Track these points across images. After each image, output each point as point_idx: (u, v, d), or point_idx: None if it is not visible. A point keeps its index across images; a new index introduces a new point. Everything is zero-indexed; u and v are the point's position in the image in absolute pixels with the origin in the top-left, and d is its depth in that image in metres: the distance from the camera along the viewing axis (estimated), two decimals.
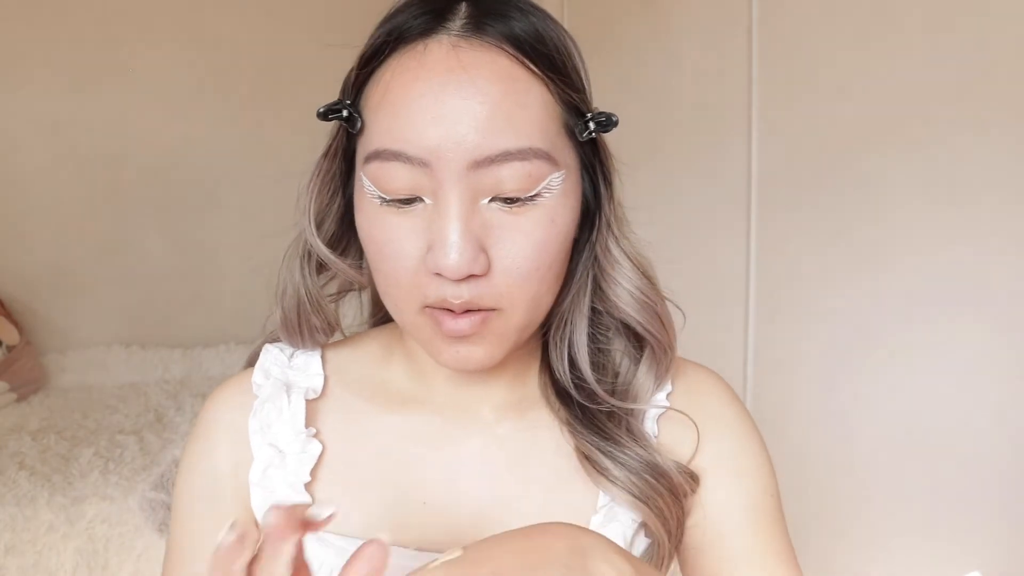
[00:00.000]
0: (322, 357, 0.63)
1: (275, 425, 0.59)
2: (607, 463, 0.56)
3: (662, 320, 0.59)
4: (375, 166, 0.50)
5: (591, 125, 0.53)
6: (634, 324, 0.58)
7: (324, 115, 0.52)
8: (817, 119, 1.38)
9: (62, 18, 2.35)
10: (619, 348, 0.61)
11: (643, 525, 0.58)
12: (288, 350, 0.64)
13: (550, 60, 0.51)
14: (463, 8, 0.51)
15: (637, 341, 0.60)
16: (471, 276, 0.49)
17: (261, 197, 2.39)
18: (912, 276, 1.22)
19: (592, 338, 0.60)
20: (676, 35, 1.75)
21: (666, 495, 0.56)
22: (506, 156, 0.48)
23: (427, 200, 0.49)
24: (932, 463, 1.21)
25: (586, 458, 0.57)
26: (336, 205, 0.56)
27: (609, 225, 0.57)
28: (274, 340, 0.65)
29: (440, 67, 0.48)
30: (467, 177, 0.48)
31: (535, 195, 0.50)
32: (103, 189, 2.46)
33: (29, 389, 2.22)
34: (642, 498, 0.56)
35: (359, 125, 0.51)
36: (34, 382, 2.26)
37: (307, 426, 0.59)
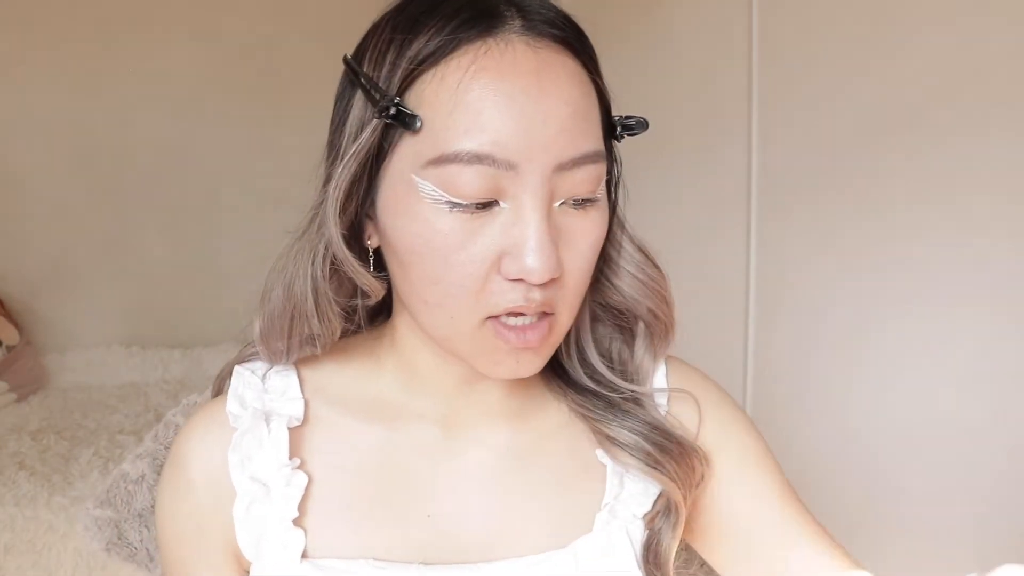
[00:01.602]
0: (299, 376, 0.60)
1: (256, 458, 0.56)
2: (623, 435, 0.57)
3: (668, 302, 0.59)
4: (451, 169, 0.47)
5: (622, 128, 0.54)
6: (639, 309, 0.58)
7: (392, 114, 0.48)
8: (817, 119, 1.38)
9: (62, 18, 2.34)
10: (605, 333, 0.61)
11: (646, 518, 0.58)
12: (260, 371, 0.60)
13: (593, 59, 0.52)
14: (511, 7, 0.49)
15: (624, 323, 0.60)
16: (550, 280, 0.48)
17: (261, 197, 2.38)
18: (912, 275, 1.22)
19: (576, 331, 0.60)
20: (676, 35, 1.75)
21: (677, 457, 0.57)
22: (585, 159, 0.48)
23: (503, 204, 0.48)
24: (932, 463, 1.21)
25: (606, 437, 0.57)
26: (351, 209, 0.52)
27: (620, 218, 0.58)
28: (242, 361, 0.62)
29: (525, 67, 0.47)
30: (550, 180, 0.47)
31: (596, 197, 0.50)
32: (103, 189, 2.46)
33: (29, 389, 2.22)
34: (654, 463, 0.56)
35: (419, 125, 0.48)
36: (34, 382, 2.26)
37: (291, 456, 0.56)
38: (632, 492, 0.58)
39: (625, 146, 0.58)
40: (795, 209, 1.46)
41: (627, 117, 0.54)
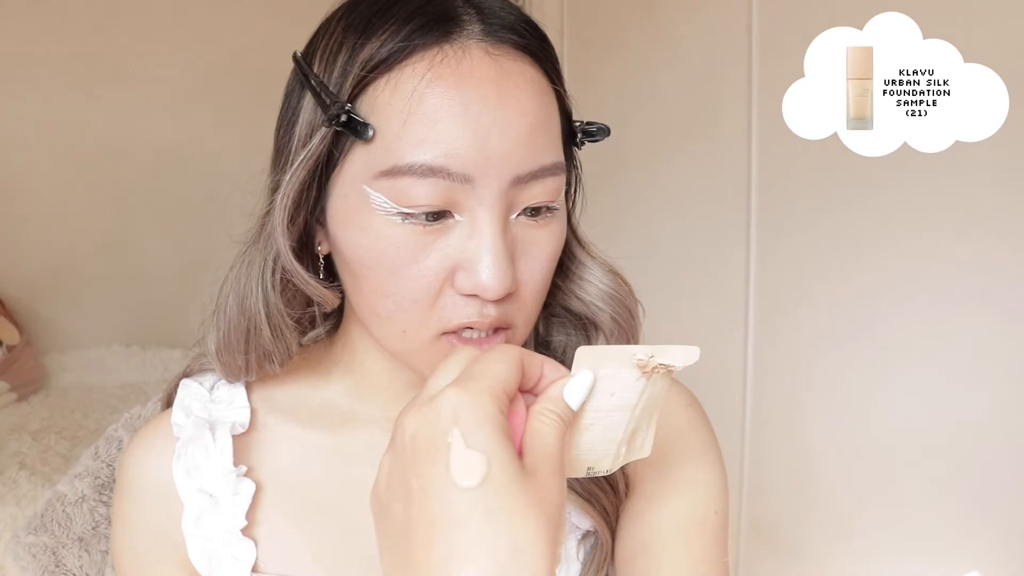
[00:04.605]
0: (247, 387, 0.59)
1: (203, 467, 0.55)
2: None
3: (630, 311, 0.56)
4: (404, 181, 0.44)
5: (583, 134, 0.52)
6: (601, 317, 0.55)
7: (343, 121, 0.45)
8: None
9: (63, 18, 2.34)
10: (560, 338, 0.58)
11: (588, 532, 0.56)
12: (208, 383, 0.59)
13: (555, 66, 0.50)
14: (470, 9, 0.47)
15: (584, 331, 0.57)
16: (505, 295, 0.46)
17: (261, 197, 2.38)
18: (912, 277, 1.22)
19: (535, 331, 0.57)
20: (676, 35, 1.75)
21: (609, 493, 0.55)
22: (543, 171, 0.46)
23: (458, 217, 0.45)
24: (932, 464, 1.21)
25: None
26: (300, 220, 0.50)
27: (574, 229, 0.56)
28: (191, 374, 0.60)
29: (483, 76, 0.45)
30: (507, 193, 0.45)
31: (555, 208, 0.48)
32: (103, 189, 2.46)
33: (29, 389, 2.22)
34: (588, 497, 0.54)
35: (371, 134, 0.45)
36: (34, 382, 2.26)
37: (236, 464, 0.55)
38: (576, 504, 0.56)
39: (624, 147, 0.57)
40: (796, 210, 1.46)
41: (588, 123, 0.52)
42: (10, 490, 1.60)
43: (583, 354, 0.39)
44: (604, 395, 0.40)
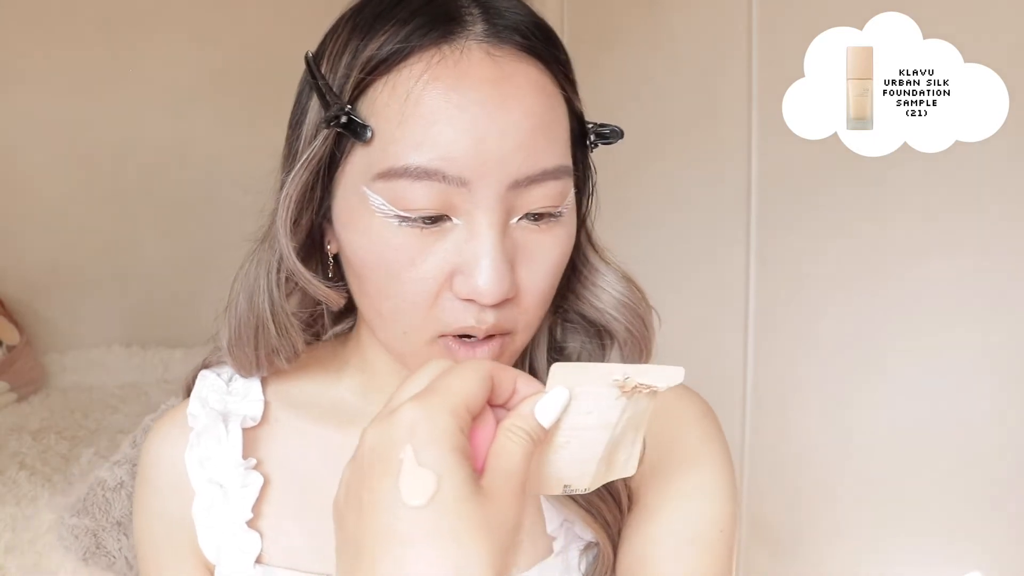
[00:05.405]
0: (263, 380, 0.59)
1: (215, 458, 0.55)
2: None
3: (644, 321, 0.55)
4: (400, 184, 0.44)
5: (595, 136, 0.51)
6: (615, 326, 0.55)
7: (343, 123, 0.45)
8: None
9: (63, 18, 2.35)
10: (575, 345, 0.57)
11: (590, 543, 0.56)
12: (226, 374, 0.60)
13: (564, 67, 0.49)
14: (475, 8, 0.46)
15: (599, 339, 0.57)
16: (504, 300, 0.45)
17: (261, 197, 2.38)
18: (912, 278, 1.22)
19: (550, 337, 0.57)
20: (676, 35, 1.75)
21: (612, 504, 0.54)
22: (544, 175, 0.45)
23: (456, 220, 0.45)
24: (932, 464, 1.21)
25: None
26: (305, 220, 0.50)
27: (589, 234, 0.55)
28: (210, 365, 0.61)
29: (481, 77, 0.44)
30: (505, 197, 0.44)
31: (559, 213, 0.47)
32: (103, 189, 2.46)
33: (29, 389, 2.22)
34: (589, 508, 0.53)
35: (369, 135, 0.45)
36: (34, 382, 2.26)
37: (246, 456, 0.56)
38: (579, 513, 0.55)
39: (624, 147, 0.57)
40: (796, 211, 1.46)
41: (601, 125, 0.51)
42: (10, 490, 1.60)
43: (558, 371, 0.39)
44: (580, 414, 0.39)
